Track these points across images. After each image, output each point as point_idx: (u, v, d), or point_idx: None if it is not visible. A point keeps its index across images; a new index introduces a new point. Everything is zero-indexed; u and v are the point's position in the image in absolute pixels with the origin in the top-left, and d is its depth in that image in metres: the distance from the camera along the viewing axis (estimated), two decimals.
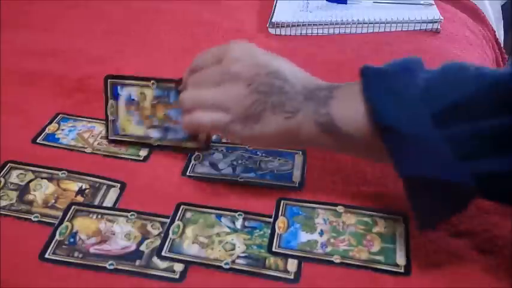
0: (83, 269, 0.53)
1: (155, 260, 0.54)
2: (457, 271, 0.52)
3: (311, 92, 0.54)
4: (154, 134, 0.67)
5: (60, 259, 0.54)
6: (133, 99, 0.66)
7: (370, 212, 0.59)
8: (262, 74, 0.54)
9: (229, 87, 0.55)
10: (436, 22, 0.98)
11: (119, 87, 0.67)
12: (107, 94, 0.67)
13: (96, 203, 0.61)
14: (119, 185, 0.63)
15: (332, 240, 0.56)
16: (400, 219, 0.58)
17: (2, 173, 0.64)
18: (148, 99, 0.66)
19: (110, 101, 0.67)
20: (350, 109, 0.52)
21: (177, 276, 0.52)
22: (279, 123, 0.54)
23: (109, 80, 0.67)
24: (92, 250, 0.55)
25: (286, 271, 0.53)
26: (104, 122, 0.69)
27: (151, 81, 0.65)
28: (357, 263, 0.53)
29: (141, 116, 0.66)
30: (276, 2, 1.06)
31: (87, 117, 0.74)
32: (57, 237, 0.56)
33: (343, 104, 0.52)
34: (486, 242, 0.55)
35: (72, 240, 0.56)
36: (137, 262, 0.54)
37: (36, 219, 0.58)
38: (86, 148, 0.69)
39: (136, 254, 0.55)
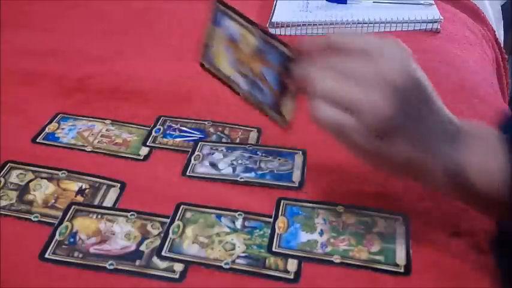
0: (83, 269, 0.53)
1: (155, 260, 0.54)
2: (457, 271, 0.52)
3: (449, 133, 0.49)
4: (242, 83, 0.60)
5: (60, 259, 0.54)
6: (234, 38, 0.59)
7: (370, 212, 0.59)
8: (414, 94, 0.47)
9: (373, 92, 0.46)
10: (436, 22, 0.98)
11: (225, 17, 0.60)
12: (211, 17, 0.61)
13: (96, 203, 0.61)
14: (118, 184, 0.63)
15: (332, 240, 0.56)
16: (400, 219, 0.58)
17: (2, 173, 0.64)
18: (249, 46, 0.58)
19: (212, 26, 0.61)
20: (486, 165, 0.48)
21: (177, 276, 0.52)
22: (408, 151, 0.48)
23: (218, 4, 0.60)
24: (92, 250, 0.55)
25: (286, 271, 0.53)
26: (199, 46, 0.63)
27: (257, 29, 0.57)
28: (357, 263, 0.53)
29: (237, 58, 0.60)
30: (276, 2, 1.06)
31: (87, 116, 0.74)
32: (57, 237, 0.56)
33: (479, 158, 0.48)
34: (486, 242, 0.55)
35: (72, 240, 0.56)
36: (137, 262, 0.54)
37: (36, 219, 0.58)
38: (86, 147, 0.69)
39: (136, 254, 0.55)
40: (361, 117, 0.46)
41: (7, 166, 0.65)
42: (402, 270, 0.53)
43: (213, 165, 0.66)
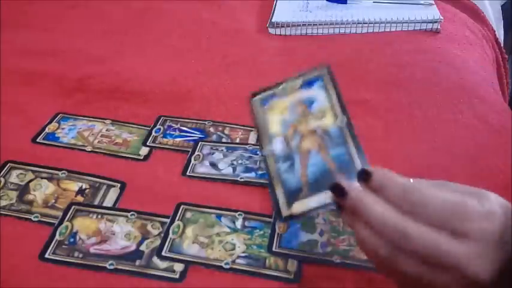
0: (83, 269, 0.53)
1: (155, 260, 0.54)
2: None
3: None
4: (276, 145, 0.54)
5: (60, 259, 0.54)
6: (310, 104, 0.54)
7: None
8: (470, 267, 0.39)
9: (476, 249, 0.39)
10: (436, 22, 0.98)
11: (319, 83, 0.55)
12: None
13: (96, 202, 0.61)
14: (119, 184, 0.63)
15: (332, 240, 0.56)
16: None
17: (2, 173, 0.64)
18: (321, 125, 0.52)
19: (297, 80, 0.56)
20: None
21: (177, 276, 0.52)
22: None
23: (326, 71, 0.55)
24: (92, 250, 0.55)
25: (286, 271, 0.53)
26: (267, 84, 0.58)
27: (344, 117, 0.52)
28: (357, 263, 0.53)
29: (294, 123, 0.54)
30: (276, 2, 1.06)
31: (87, 116, 0.74)
32: (57, 237, 0.56)
33: None
34: None
35: (72, 240, 0.56)
36: (137, 262, 0.54)
37: (36, 219, 0.58)
38: (86, 147, 0.69)
39: (136, 254, 0.55)
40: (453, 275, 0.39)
41: (7, 166, 0.65)
42: None
43: (213, 165, 0.66)
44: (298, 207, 0.49)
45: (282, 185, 0.51)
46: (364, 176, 0.44)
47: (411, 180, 0.43)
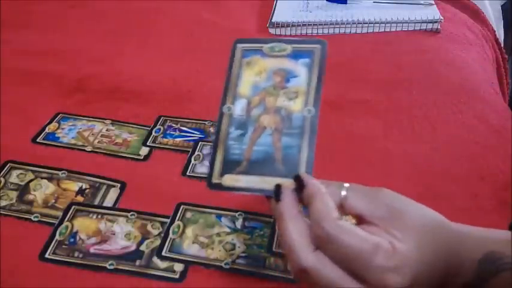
0: (83, 269, 0.53)
1: (155, 260, 0.54)
2: None
3: None
4: (237, 108, 0.51)
5: (60, 259, 0.54)
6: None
7: None
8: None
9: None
10: (436, 22, 0.98)
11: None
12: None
13: (96, 203, 0.61)
14: (119, 184, 0.63)
15: None
16: None
17: (2, 173, 0.64)
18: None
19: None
20: None
21: (177, 276, 0.52)
22: None
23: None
24: (92, 250, 0.55)
25: (286, 271, 0.53)
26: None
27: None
28: None
29: (263, 93, 0.51)
30: (276, 2, 1.06)
31: (87, 116, 0.74)
32: (57, 237, 0.56)
33: None
34: None
35: (72, 240, 0.56)
36: (137, 262, 0.54)
37: (36, 219, 0.58)
38: (86, 146, 0.69)
39: (137, 254, 0.55)
40: None
41: (7, 166, 0.65)
42: None
43: None
44: (229, 180, 0.48)
45: (224, 151, 0.49)
46: (298, 184, 0.45)
47: (343, 194, 0.44)
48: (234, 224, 0.58)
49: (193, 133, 0.71)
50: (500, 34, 1.25)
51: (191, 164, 0.66)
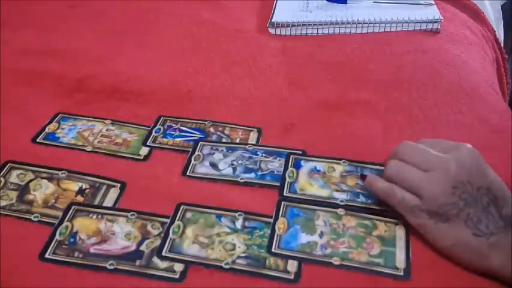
0: (83, 269, 0.53)
1: (155, 260, 0.54)
2: (457, 276, 0.52)
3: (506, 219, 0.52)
4: (341, 196, 0.61)
5: (60, 259, 0.54)
6: (318, 170, 0.64)
7: (371, 215, 0.59)
8: (474, 184, 0.52)
9: (434, 177, 0.53)
10: (436, 22, 0.98)
11: (302, 161, 0.66)
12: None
13: (96, 203, 0.60)
14: (119, 184, 0.63)
15: (332, 242, 0.56)
16: (400, 222, 0.57)
17: (2, 173, 0.64)
18: (338, 171, 0.64)
19: (290, 169, 0.65)
20: None
21: (177, 276, 0.52)
22: (465, 236, 0.52)
23: (292, 156, 0.66)
24: (92, 250, 0.55)
25: (286, 271, 0.53)
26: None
27: (343, 161, 0.65)
28: (357, 265, 0.53)
29: (327, 182, 0.63)
30: (276, 2, 1.06)
31: (87, 116, 0.74)
32: (57, 237, 0.56)
33: None
34: None
35: (72, 240, 0.56)
36: (137, 262, 0.54)
37: (36, 219, 0.58)
38: (86, 147, 0.69)
39: (137, 254, 0.55)
40: (424, 200, 0.53)
41: (7, 166, 0.65)
42: (402, 273, 0.53)
43: (213, 165, 0.66)
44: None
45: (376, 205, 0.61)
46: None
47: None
48: (234, 224, 0.58)
49: (193, 133, 0.71)
50: (500, 34, 1.25)
51: (191, 164, 0.66)
